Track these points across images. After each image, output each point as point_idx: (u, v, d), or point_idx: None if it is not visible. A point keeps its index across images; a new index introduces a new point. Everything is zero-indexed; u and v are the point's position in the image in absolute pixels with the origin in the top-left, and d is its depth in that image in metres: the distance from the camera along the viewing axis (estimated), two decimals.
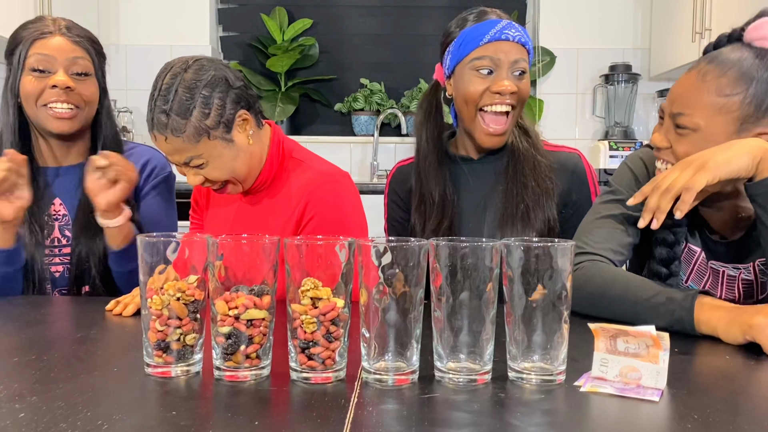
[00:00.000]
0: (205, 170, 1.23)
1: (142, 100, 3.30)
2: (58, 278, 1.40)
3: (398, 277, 0.74)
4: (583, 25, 3.33)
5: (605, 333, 0.77)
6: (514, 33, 1.35)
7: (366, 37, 3.48)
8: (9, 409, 0.67)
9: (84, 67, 1.39)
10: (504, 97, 1.34)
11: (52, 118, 1.36)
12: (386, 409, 0.69)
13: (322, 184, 1.29)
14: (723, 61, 1.09)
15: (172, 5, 3.33)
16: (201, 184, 1.27)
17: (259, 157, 1.31)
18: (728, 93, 1.07)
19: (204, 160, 1.22)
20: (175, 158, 1.23)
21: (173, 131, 1.18)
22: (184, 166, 1.23)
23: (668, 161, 1.14)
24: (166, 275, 0.78)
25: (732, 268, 1.19)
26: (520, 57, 1.35)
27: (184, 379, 0.78)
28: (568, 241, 0.77)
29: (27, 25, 1.41)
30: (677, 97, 1.12)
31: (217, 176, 1.25)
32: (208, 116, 1.20)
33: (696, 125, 1.08)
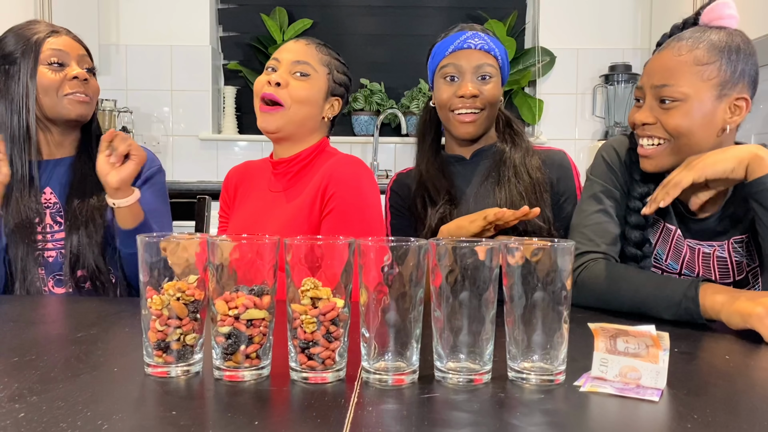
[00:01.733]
0: (299, 81, 1.38)
1: (142, 100, 3.35)
2: (52, 263, 1.43)
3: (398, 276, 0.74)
4: (583, 25, 3.33)
5: (605, 333, 0.77)
6: (477, 42, 1.47)
7: (366, 37, 3.49)
8: (9, 409, 0.67)
9: (90, 64, 1.50)
10: (467, 101, 1.45)
11: (75, 102, 1.44)
12: (386, 409, 0.69)
13: (343, 165, 1.38)
14: (692, 38, 1.19)
15: (172, 5, 3.33)
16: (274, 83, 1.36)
17: (311, 131, 1.44)
18: (705, 62, 1.16)
19: (310, 73, 1.39)
20: (295, 55, 1.39)
21: (317, 46, 1.44)
22: (292, 66, 1.38)
23: (656, 136, 1.20)
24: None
25: (707, 246, 1.23)
26: (484, 62, 1.46)
27: (184, 379, 0.78)
28: (568, 241, 0.77)
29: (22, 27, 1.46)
30: (658, 71, 1.19)
31: (299, 92, 1.38)
32: (338, 72, 1.46)
33: (683, 94, 1.16)
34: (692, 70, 1.15)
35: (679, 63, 1.17)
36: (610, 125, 3.26)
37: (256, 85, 1.41)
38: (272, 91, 1.36)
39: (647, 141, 1.21)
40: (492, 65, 1.47)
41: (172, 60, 3.35)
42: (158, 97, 3.37)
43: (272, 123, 1.38)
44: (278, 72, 1.38)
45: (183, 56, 3.34)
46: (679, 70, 1.16)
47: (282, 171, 1.43)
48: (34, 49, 1.42)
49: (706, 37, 1.18)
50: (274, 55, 1.42)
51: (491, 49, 1.48)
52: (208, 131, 3.38)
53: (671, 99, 1.16)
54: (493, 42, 1.49)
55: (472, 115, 1.46)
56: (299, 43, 1.43)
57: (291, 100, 1.37)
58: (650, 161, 1.21)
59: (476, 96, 1.45)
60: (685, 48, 1.17)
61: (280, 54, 1.41)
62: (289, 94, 1.37)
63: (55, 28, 1.47)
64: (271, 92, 1.36)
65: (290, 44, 1.43)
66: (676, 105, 1.16)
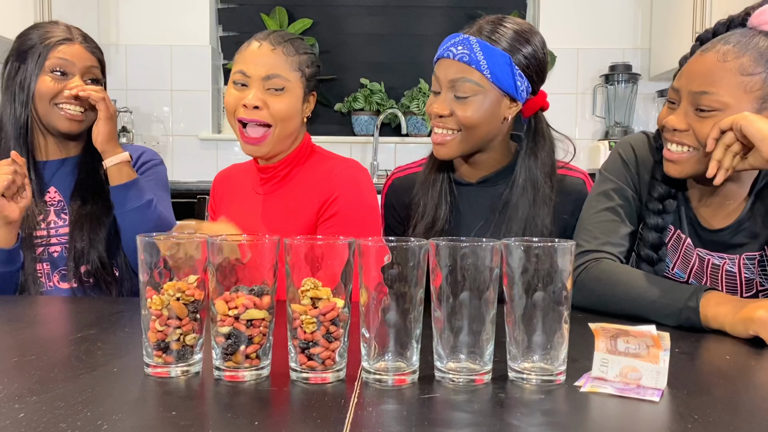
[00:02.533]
0: (277, 97, 1.30)
1: (142, 100, 3.35)
2: (57, 258, 1.44)
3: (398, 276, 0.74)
4: (583, 25, 3.33)
5: (605, 333, 0.76)
6: (458, 50, 1.25)
7: (366, 37, 3.48)
8: (9, 409, 0.67)
9: (96, 75, 1.50)
10: (437, 120, 1.28)
11: (63, 118, 1.44)
12: (386, 409, 0.69)
13: (344, 168, 1.36)
14: (740, 43, 1.10)
15: (172, 5, 3.33)
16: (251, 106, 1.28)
17: (296, 137, 1.38)
18: (750, 72, 1.08)
19: (285, 86, 1.30)
20: (265, 69, 1.29)
21: (285, 50, 1.31)
22: (264, 81, 1.29)
23: (686, 144, 1.13)
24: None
25: (717, 257, 1.20)
26: (460, 77, 1.25)
27: (184, 379, 0.78)
28: (568, 241, 0.77)
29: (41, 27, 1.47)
30: (698, 76, 1.10)
31: (280, 110, 1.30)
32: (309, 67, 1.35)
33: (723, 104, 1.08)
34: (736, 80, 1.07)
35: (723, 70, 1.08)
36: (610, 125, 3.26)
37: (228, 103, 1.32)
38: (254, 116, 1.29)
39: (676, 147, 1.14)
40: (472, 82, 1.24)
41: (172, 60, 3.35)
42: (158, 97, 3.37)
43: (261, 150, 1.32)
44: (251, 91, 1.29)
45: (183, 56, 3.34)
46: (722, 77, 1.08)
47: (269, 175, 1.39)
48: (42, 53, 1.43)
49: (755, 44, 1.09)
50: (239, 66, 1.30)
51: (474, 62, 1.24)
52: (207, 131, 3.38)
53: (709, 108, 1.09)
54: (485, 51, 1.25)
55: (443, 135, 1.29)
56: (265, 51, 1.30)
57: (274, 119, 1.30)
58: (675, 167, 1.15)
59: (443, 116, 1.27)
60: (732, 54, 1.08)
61: (246, 66, 1.30)
62: (270, 114, 1.29)
63: (72, 35, 1.47)
64: (253, 118, 1.29)
65: (255, 53, 1.30)
66: (713, 114, 1.08)
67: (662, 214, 1.22)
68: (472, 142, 1.31)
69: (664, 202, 1.21)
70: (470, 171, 1.40)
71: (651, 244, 1.22)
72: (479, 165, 1.38)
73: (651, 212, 1.23)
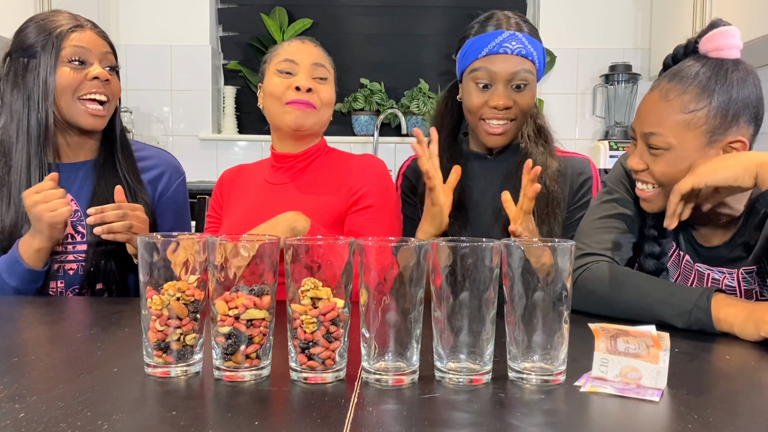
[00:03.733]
0: (322, 85, 1.40)
1: (142, 100, 3.35)
2: (72, 276, 1.38)
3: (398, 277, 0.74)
4: (583, 25, 3.33)
5: (605, 333, 0.77)
6: (514, 46, 1.36)
7: (366, 37, 3.48)
8: (9, 409, 0.67)
9: (112, 62, 1.43)
10: (499, 112, 1.38)
11: (86, 114, 1.37)
12: (386, 409, 0.69)
13: (371, 163, 1.45)
14: (683, 78, 1.11)
15: (172, 5, 3.33)
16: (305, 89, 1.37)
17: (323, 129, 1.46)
18: (692, 109, 1.09)
19: (328, 77, 1.42)
20: (314, 57, 1.40)
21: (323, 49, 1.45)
22: (312, 68, 1.39)
23: (647, 181, 1.16)
24: None
25: (717, 272, 1.20)
26: (520, 69, 1.36)
27: (184, 379, 0.78)
28: (568, 241, 0.77)
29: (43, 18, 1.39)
30: (645, 117, 1.14)
31: (327, 96, 1.41)
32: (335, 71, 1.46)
33: (668, 144, 1.10)
34: (678, 119, 1.09)
35: (666, 110, 1.10)
36: (610, 125, 3.26)
37: (276, 88, 1.38)
38: (306, 98, 1.37)
39: (641, 185, 1.17)
40: (529, 71, 1.37)
41: (172, 60, 3.35)
42: (158, 97, 3.37)
43: (309, 119, 1.38)
44: (301, 76, 1.38)
45: (183, 56, 3.34)
46: (665, 118, 1.10)
47: (288, 165, 1.44)
48: (55, 44, 1.34)
49: (700, 76, 1.10)
50: (285, 56, 1.39)
51: (529, 54, 1.37)
52: (208, 131, 3.38)
53: (658, 147, 1.11)
54: (531, 43, 1.38)
55: (503, 126, 1.39)
56: (310, 45, 1.42)
57: (321, 103, 1.39)
58: (648, 204, 1.18)
59: (509, 107, 1.38)
60: (674, 91, 1.10)
61: (294, 55, 1.39)
62: (319, 97, 1.39)
63: (79, 21, 1.40)
64: (306, 99, 1.37)
65: (301, 45, 1.42)
66: (662, 153, 1.11)
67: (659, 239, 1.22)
68: (521, 127, 1.45)
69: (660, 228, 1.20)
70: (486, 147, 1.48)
71: (649, 271, 1.21)
72: None
73: (648, 239, 1.23)
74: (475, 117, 1.42)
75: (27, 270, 1.30)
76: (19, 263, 1.30)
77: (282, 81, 1.38)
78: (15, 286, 1.31)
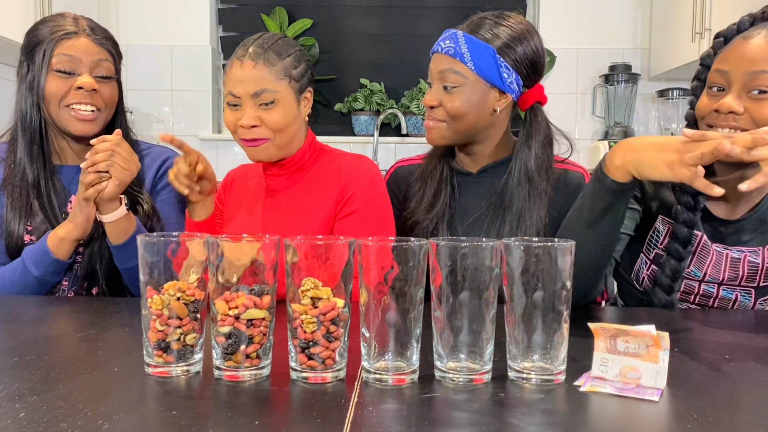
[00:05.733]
0: (269, 111, 1.29)
1: (142, 100, 3.35)
2: (75, 274, 1.39)
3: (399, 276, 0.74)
4: (583, 25, 3.33)
5: (605, 333, 0.77)
6: (446, 45, 1.33)
7: (366, 37, 3.48)
8: (9, 409, 0.67)
9: (107, 70, 1.41)
10: (429, 110, 1.36)
11: (74, 119, 1.37)
12: (386, 409, 0.69)
13: (359, 164, 1.37)
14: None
15: (173, 5, 3.33)
16: (248, 126, 1.29)
17: (300, 138, 1.38)
18: None
19: (275, 98, 1.29)
20: (251, 86, 1.27)
21: (266, 62, 1.28)
22: (253, 98, 1.28)
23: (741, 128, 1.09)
24: None
25: (736, 251, 1.18)
26: (447, 68, 1.31)
27: (184, 379, 0.78)
28: (569, 241, 0.77)
29: (48, 21, 1.40)
30: (754, 57, 1.08)
31: (275, 122, 1.29)
32: (296, 68, 1.32)
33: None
34: None
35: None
36: (610, 125, 3.26)
37: (228, 123, 1.32)
38: (253, 135, 1.30)
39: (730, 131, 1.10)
40: (458, 72, 1.30)
41: (172, 60, 3.35)
42: (158, 97, 3.38)
43: (262, 153, 1.32)
44: (244, 110, 1.29)
45: (183, 56, 3.34)
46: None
47: (275, 173, 1.40)
48: (47, 52, 1.35)
49: None
50: (228, 88, 1.31)
51: (458, 54, 1.30)
52: (208, 131, 3.38)
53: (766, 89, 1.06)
54: (469, 43, 1.30)
55: (431, 122, 1.36)
56: (247, 69, 1.28)
57: (271, 131, 1.30)
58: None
59: (433, 107, 1.34)
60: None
61: (234, 87, 1.29)
62: (267, 128, 1.30)
63: (77, 27, 1.38)
64: (253, 137, 1.30)
65: (239, 72, 1.29)
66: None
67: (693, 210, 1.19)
68: (461, 132, 1.36)
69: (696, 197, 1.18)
70: (469, 161, 1.45)
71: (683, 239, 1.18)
72: (477, 156, 1.43)
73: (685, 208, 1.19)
74: None
75: (53, 259, 1.31)
76: (45, 252, 1.31)
77: (231, 115, 1.31)
78: (38, 275, 1.32)
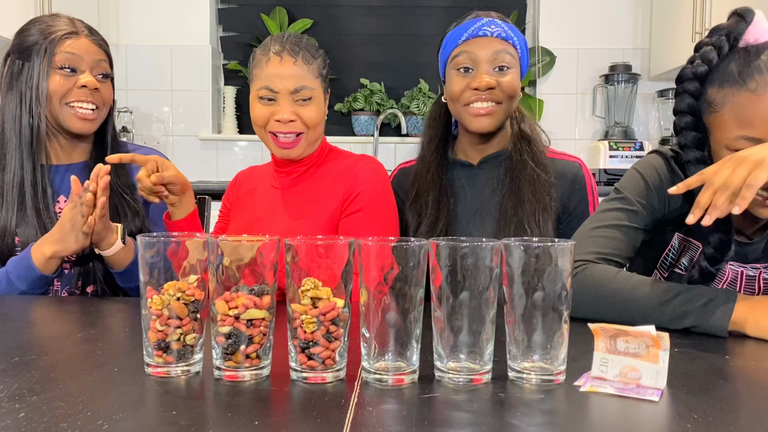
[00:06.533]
0: (306, 107, 1.33)
1: (142, 100, 3.35)
2: (67, 275, 1.39)
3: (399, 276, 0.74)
4: (583, 25, 3.33)
5: (605, 333, 0.77)
6: (493, 29, 1.36)
7: (366, 37, 3.49)
8: (9, 409, 0.67)
9: (105, 70, 1.44)
10: (482, 94, 1.34)
11: (75, 117, 1.39)
12: (386, 409, 0.69)
13: (367, 164, 1.39)
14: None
15: (173, 5, 3.33)
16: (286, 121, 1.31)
17: (321, 137, 1.43)
18: None
19: (312, 95, 1.33)
20: (291, 82, 1.31)
21: (304, 58, 1.33)
22: (292, 94, 1.31)
23: None
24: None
25: (751, 269, 1.17)
26: (501, 49, 1.35)
27: (184, 379, 0.78)
28: (568, 241, 0.77)
29: (42, 21, 1.40)
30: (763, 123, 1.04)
31: (311, 118, 1.33)
32: (324, 68, 1.38)
33: None
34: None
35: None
36: (610, 125, 3.27)
37: (258, 118, 1.34)
38: (289, 129, 1.32)
39: None
40: (511, 54, 1.36)
41: (172, 60, 3.35)
42: (158, 97, 3.38)
43: (295, 152, 1.35)
44: (280, 105, 1.32)
45: (183, 56, 3.34)
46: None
47: (287, 170, 1.42)
48: (48, 49, 1.36)
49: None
50: (263, 82, 1.32)
51: (509, 37, 1.36)
52: (208, 131, 3.38)
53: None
54: (511, 30, 1.38)
55: (487, 108, 1.35)
56: (287, 65, 1.32)
57: (307, 127, 1.34)
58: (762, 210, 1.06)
59: (493, 88, 1.34)
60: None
61: (272, 82, 1.31)
62: (303, 123, 1.33)
63: (76, 27, 1.40)
64: (289, 130, 1.32)
65: (278, 67, 1.32)
66: None
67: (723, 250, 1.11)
68: (509, 113, 1.41)
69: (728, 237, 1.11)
70: (474, 153, 1.46)
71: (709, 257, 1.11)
72: (485, 146, 1.45)
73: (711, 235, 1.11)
74: (458, 105, 1.38)
75: (38, 276, 1.30)
76: (31, 268, 1.30)
77: (264, 109, 1.33)
78: (23, 289, 1.31)
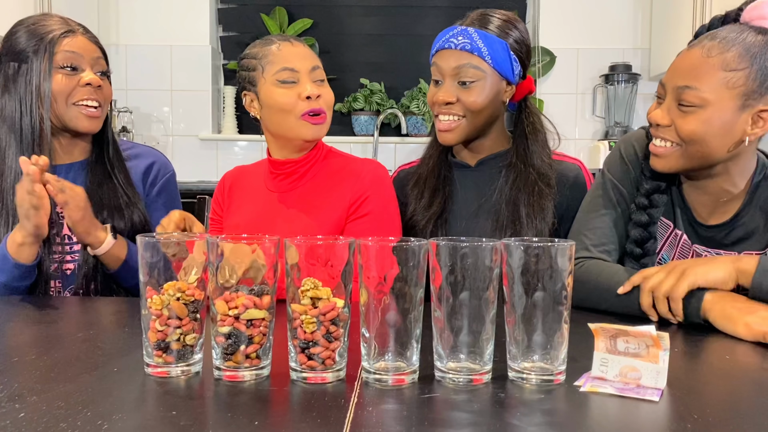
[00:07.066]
0: (323, 87, 1.35)
1: (142, 100, 3.35)
2: (70, 275, 1.38)
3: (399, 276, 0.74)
4: (583, 25, 3.33)
5: (605, 333, 0.77)
6: (459, 41, 1.35)
7: (366, 37, 3.48)
8: (9, 409, 0.67)
9: (104, 67, 1.43)
10: (443, 108, 1.36)
11: (83, 116, 1.38)
12: (386, 409, 0.69)
13: (374, 169, 1.39)
14: (726, 38, 1.09)
15: (172, 5, 3.33)
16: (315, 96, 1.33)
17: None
18: (734, 67, 1.07)
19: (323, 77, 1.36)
20: (309, 61, 1.34)
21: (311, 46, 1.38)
22: (311, 73, 1.34)
23: (668, 139, 1.14)
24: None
25: (715, 253, 1.20)
26: (464, 63, 1.34)
27: (184, 379, 0.78)
28: (568, 241, 0.77)
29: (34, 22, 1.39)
30: (682, 71, 1.11)
31: (330, 98, 1.36)
32: None
33: (703, 100, 1.08)
34: (718, 75, 1.07)
35: (706, 65, 1.08)
36: (610, 125, 3.26)
37: (284, 103, 1.32)
38: (319, 105, 1.33)
39: (660, 141, 1.15)
40: (476, 67, 1.34)
41: (172, 60, 3.35)
42: (158, 97, 3.37)
43: (323, 130, 1.35)
44: (302, 85, 1.32)
45: (183, 56, 3.34)
46: (704, 73, 1.08)
47: (286, 171, 1.39)
48: (47, 49, 1.34)
49: (742, 39, 1.08)
50: (283, 65, 1.33)
51: (475, 49, 1.34)
52: (208, 131, 3.38)
53: (690, 104, 1.09)
54: (483, 38, 1.34)
55: (449, 123, 1.37)
56: (301, 47, 1.36)
57: (328, 106, 1.36)
58: (659, 161, 1.16)
59: (450, 103, 1.35)
60: (716, 49, 1.08)
61: (291, 62, 1.33)
62: (324, 101, 1.35)
63: (70, 25, 1.39)
64: (318, 108, 1.33)
65: (296, 50, 1.35)
66: (694, 110, 1.09)
67: (648, 209, 1.22)
68: (477, 126, 1.39)
69: (651, 197, 1.22)
70: (470, 155, 1.48)
71: (635, 239, 1.22)
72: (479, 149, 1.46)
73: (637, 208, 1.23)
74: (433, 114, 1.42)
75: (14, 264, 1.28)
76: (5, 258, 1.28)
77: (287, 92, 1.32)
78: (3, 281, 1.29)
